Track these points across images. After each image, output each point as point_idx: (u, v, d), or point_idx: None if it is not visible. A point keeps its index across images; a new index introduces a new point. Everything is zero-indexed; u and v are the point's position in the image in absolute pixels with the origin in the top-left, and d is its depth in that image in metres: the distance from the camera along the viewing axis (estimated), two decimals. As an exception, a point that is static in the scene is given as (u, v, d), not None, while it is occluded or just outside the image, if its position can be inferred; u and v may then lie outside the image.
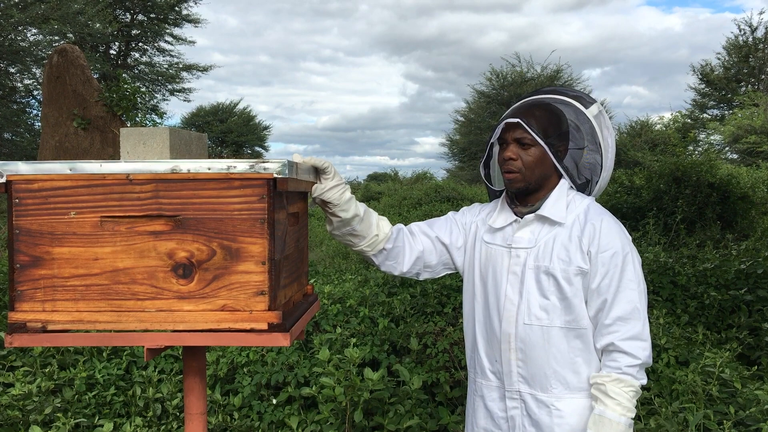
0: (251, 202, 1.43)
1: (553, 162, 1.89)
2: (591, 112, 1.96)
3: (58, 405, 3.52)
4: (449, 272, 2.12)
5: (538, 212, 1.91)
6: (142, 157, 1.58)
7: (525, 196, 1.93)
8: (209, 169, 1.42)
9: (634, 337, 1.81)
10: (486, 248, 1.98)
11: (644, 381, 1.83)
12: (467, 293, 2.06)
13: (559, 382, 1.87)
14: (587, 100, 1.98)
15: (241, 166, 1.42)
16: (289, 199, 1.61)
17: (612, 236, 1.86)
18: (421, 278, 2.10)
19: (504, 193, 2.03)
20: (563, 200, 1.91)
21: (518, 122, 1.85)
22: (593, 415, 1.80)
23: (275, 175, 1.42)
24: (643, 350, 1.81)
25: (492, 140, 1.94)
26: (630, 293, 1.83)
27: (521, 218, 1.94)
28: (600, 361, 1.89)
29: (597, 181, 2.03)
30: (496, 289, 1.94)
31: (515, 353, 1.89)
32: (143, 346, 1.48)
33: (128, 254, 1.44)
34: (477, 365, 2.01)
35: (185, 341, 1.45)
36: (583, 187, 2.02)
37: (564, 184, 1.95)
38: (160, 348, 1.48)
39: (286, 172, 1.42)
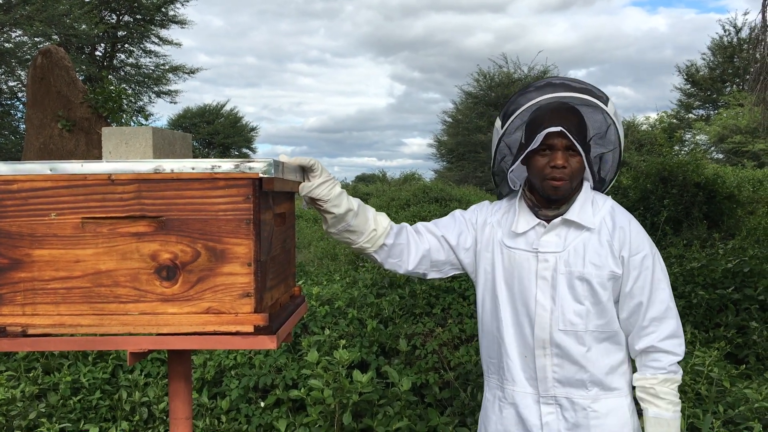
0: (236, 202, 1.40)
1: (586, 167, 1.87)
2: (610, 110, 1.91)
3: (43, 410, 3.47)
4: (457, 272, 2.06)
5: (566, 216, 1.87)
6: (124, 157, 1.55)
7: (554, 200, 1.88)
8: (193, 168, 1.39)
9: (671, 336, 1.85)
10: (508, 253, 1.92)
11: (681, 372, 1.87)
12: (487, 297, 1.99)
13: (595, 384, 1.86)
14: (604, 97, 1.92)
15: (225, 165, 1.39)
16: (276, 200, 1.58)
17: (641, 238, 1.87)
18: (428, 277, 2.04)
19: (521, 195, 1.97)
20: (588, 203, 1.89)
21: (563, 132, 1.79)
22: (650, 418, 1.82)
23: (261, 175, 1.39)
24: (680, 346, 1.86)
25: (533, 147, 1.82)
26: (662, 293, 1.86)
27: (546, 222, 1.89)
28: (631, 358, 1.91)
29: (612, 179, 2.03)
30: (523, 295, 1.89)
31: (550, 359, 1.86)
32: (127, 350, 1.45)
33: (110, 256, 1.41)
34: (506, 372, 1.94)
35: (169, 345, 1.42)
36: (599, 184, 2.01)
37: (587, 185, 1.93)
38: (144, 352, 1.45)
39: (272, 171, 1.40)
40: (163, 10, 24.11)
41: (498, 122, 1.99)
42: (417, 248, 1.96)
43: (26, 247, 1.42)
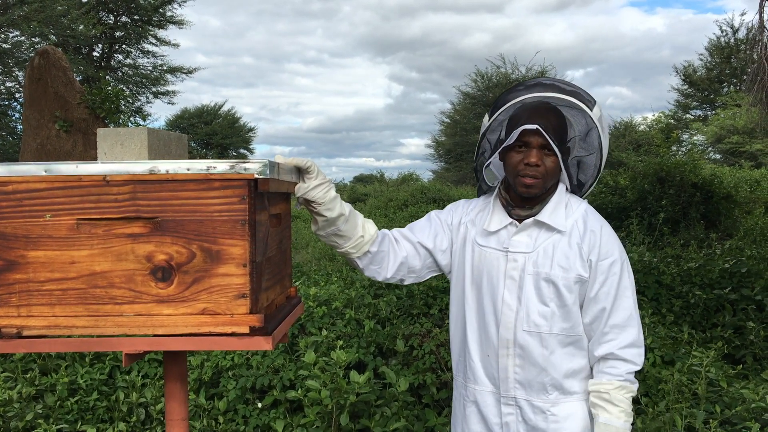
0: (232, 203, 1.40)
1: (562, 168, 1.86)
2: (595, 114, 1.91)
3: (40, 411, 3.46)
4: (434, 274, 2.07)
5: (538, 217, 1.87)
6: (119, 158, 1.55)
7: (528, 199, 1.89)
8: (188, 169, 1.39)
9: (631, 345, 1.84)
10: (479, 251, 1.93)
11: (637, 385, 1.87)
12: (456, 296, 2.01)
13: (555, 388, 1.86)
14: (590, 101, 1.93)
15: (221, 166, 1.39)
16: (271, 200, 1.58)
17: (611, 244, 1.87)
18: (405, 283, 2.05)
19: (497, 194, 1.98)
20: (562, 205, 1.89)
21: (539, 130, 1.78)
22: (600, 424, 1.81)
23: (256, 176, 1.39)
24: (639, 356, 1.85)
25: (509, 143, 1.84)
26: (626, 301, 1.85)
27: (518, 221, 1.90)
28: (591, 365, 1.90)
29: (592, 184, 2.02)
30: (492, 294, 1.89)
31: (513, 359, 1.87)
32: (122, 352, 1.45)
33: (105, 257, 1.41)
34: (469, 370, 1.96)
35: (165, 346, 1.42)
36: (576, 188, 2.01)
37: (562, 188, 1.93)
38: (139, 353, 1.44)
39: (268, 172, 1.39)
40: (160, 10, 24.09)
41: (486, 117, 2.00)
42: (395, 256, 1.97)
43: (21, 248, 1.41)
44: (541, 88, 1.93)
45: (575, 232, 1.86)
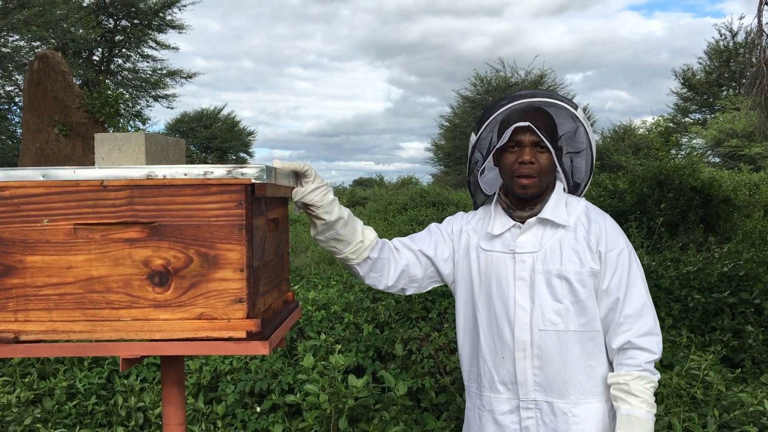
0: (229, 208, 1.40)
1: (557, 166, 1.89)
2: (579, 114, 1.96)
3: (38, 415, 3.46)
4: (436, 285, 2.07)
5: (540, 215, 1.89)
6: (117, 163, 1.55)
7: (526, 201, 1.90)
8: (185, 174, 1.39)
9: (648, 333, 1.84)
10: (485, 256, 1.94)
11: (659, 376, 1.86)
12: (464, 304, 2.01)
13: (575, 388, 1.85)
14: (574, 105, 1.98)
15: (218, 171, 1.39)
16: (268, 205, 1.58)
17: (617, 234, 1.89)
18: (407, 293, 2.05)
19: (496, 199, 1.99)
20: (562, 202, 1.91)
21: (531, 126, 1.82)
22: (621, 416, 1.80)
23: (253, 181, 1.40)
24: (657, 344, 1.84)
25: (501, 144, 1.87)
26: (638, 290, 1.86)
27: (521, 223, 1.91)
28: (611, 360, 1.89)
29: (587, 183, 2.04)
30: (502, 297, 1.89)
31: (531, 361, 1.86)
32: (119, 356, 1.45)
33: (103, 262, 1.41)
34: (483, 378, 1.94)
35: (162, 350, 1.42)
36: (573, 188, 2.03)
37: (560, 186, 1.96)
38: (136, 358, 1.45)
39: (264, 177, 1.40)
40: (160, 14, 24.12)
41: (472, 136, 2.03)
42: (396, 264, 1.97)
43: (18, 253, 1.42)
44: (523, 97, 1.97)
45: (580, 227, 1.88)
